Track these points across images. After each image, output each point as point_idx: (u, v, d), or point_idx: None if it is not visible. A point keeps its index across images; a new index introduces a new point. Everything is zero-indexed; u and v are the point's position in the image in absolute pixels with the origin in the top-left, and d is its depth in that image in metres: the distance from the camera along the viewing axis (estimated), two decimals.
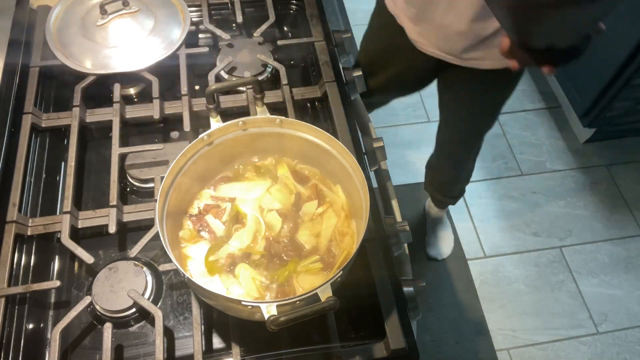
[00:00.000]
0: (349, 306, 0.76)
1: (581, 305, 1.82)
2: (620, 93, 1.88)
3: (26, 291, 0.75)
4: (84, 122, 0.94)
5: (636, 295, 1.85)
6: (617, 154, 2.19)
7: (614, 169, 2.15)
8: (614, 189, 2.10)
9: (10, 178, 0.84)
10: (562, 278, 1.88)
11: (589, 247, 1.95)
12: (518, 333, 1.75)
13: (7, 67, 0.94)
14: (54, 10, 1.04)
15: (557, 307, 1.82)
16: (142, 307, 0.74)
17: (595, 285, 1.87)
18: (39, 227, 0.82)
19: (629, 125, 2.13)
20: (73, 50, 0.99)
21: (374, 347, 0.74)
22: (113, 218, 0.81)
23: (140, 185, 0.89)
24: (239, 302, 0.60)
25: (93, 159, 0.94)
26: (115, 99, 0.94)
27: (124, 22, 1.02)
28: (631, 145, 2.21)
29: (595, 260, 1.92)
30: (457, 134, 1.40)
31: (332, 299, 0.59)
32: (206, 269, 0.72)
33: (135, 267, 0.77)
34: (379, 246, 0.81)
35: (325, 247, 0.74)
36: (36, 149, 0.92)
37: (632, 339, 1.76)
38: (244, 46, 1.06)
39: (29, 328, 0.76)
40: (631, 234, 1.99)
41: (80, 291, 0.79)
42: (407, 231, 0.84)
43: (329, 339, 0.74)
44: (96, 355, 0.73)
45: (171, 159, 0.87)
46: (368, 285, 0.79)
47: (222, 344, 0.75)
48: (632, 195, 2.08)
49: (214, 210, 0.78)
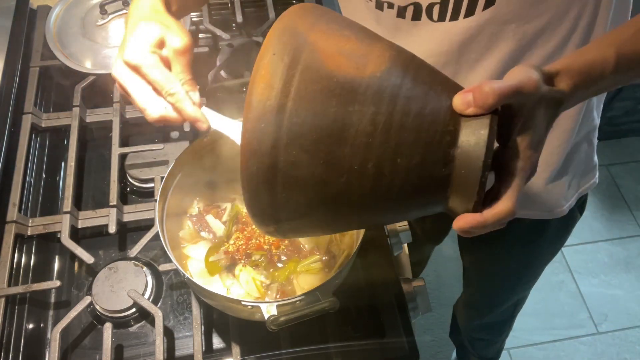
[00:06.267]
0: (349, 306, 0.76)
1: (581, 305, 1.82)
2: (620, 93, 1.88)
3: (26, 291, 0.75)
4: (84, 122, 0.94)
5: (636, 295, 1.85)
6: (617, 154, 2.18)
7: (614, 169, 2.15)
8: (614, 189, 2.10)
9: (10, 178, 0.84)
10: (562, 278, 1.87)
11: (589, 247, 1.95)
12: (518, 333, 1.75)
13: (7, 67, 0.94)
14: (54, 10, 1.04)
15: (557, 307, 1.82)
16: (142, 307, 0.74)
17: (595, 285, 1.87)
18: (39, 227, 0.82)
19: (629, 125, 2.13)
20: (73, 50, 0.99)
21: (374, 347, 0.74)
22: (113, 218, 0.81)
23: (140, 185, 0.89)
24: (239, 302, 0.60)
25: (93, 159, 0.94)
26: (115, 99, 0.94)
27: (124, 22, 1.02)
28: (631, 145, 2.21)
29: (595, 260, 1.92)
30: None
31: (332, 299, 0.59)
32: (206, 269, 0.72)
33: (135, 267, 0.77)
34: (379, 246, 0.81)
35: (325, 247, 0.74)
36: (36, 149, 0.92)
37: (632, 339, 1.76)
38: (244, 46, 1.06)
39: (29, 328, 0.76)
40: (631, 234, 1.99)
41: (80, 291, 0.79)
42: (407, 231, 0.84)
43: (329, 339, 0.74)
44: (96, 355, 0.73)
45: (171, 159, 0.87)
46: (368, 285, 0.79)
47: (222, 344, 0.75)
48: (632, 195, 2.08)
49: (214, 210, 0.78)
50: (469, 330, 1.36)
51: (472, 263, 1.11)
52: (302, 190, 0.44)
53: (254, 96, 0.43)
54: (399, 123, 0.42)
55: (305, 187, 0.44)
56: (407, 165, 0.43)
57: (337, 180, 0.44)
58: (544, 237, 0.91)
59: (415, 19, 0.62)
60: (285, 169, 0.43)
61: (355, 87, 0.43)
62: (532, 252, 0.97)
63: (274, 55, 0.43)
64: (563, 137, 0.72)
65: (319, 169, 0.43)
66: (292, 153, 0.42)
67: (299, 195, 0.45)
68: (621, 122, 2.09)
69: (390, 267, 0.80)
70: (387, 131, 0.42)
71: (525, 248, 0.95)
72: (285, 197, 0.45)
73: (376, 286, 0.79)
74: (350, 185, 0.44)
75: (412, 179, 0.44)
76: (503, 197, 0.43)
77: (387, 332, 0.74)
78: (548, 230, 0.89)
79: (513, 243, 0.93)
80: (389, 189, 0.44)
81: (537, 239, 0.92)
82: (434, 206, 0.47)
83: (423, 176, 0.44)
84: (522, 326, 1.76)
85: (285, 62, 0.43)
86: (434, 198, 0.46)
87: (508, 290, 1.11)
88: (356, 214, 0.47)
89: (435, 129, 0.43)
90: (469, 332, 1.38)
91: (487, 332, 1.35)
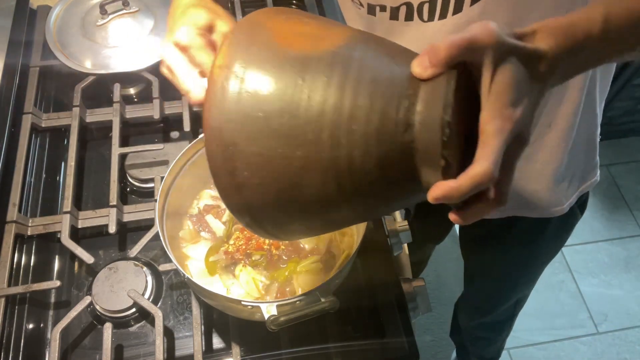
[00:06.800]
0: (349, 306, 0.76)
1: (581, 305, 1.82)
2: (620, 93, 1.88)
3: (26, 291, 0.75)
4: (84, 122, 0.94)
5: (636, 295, 1.85)
6: (617, 154, 2.18)
7: (614, 169, 2.15)
8: (614, 189, 2.10)
9: (10, 178, 0.84)
10: (562, 278, 1.87)
11: (589, 247, 1.95)
12: (518, 333, 1.75)
13: (7, 67, 0.94)
14: (54, 10, 1.04)
15: (557, 307, 1.81)
16: (142, 307, 0.74)
17: (595, 285, 1.87)
18: (39, 227, 0.82)
19: (629, 125, 2.13)
20: (73, 50, 0.99)
21: (374, 347, 0.74)
22: (113, 218, 0.81)
23: (140, 185, 0.89)
24: (239, 302, 0.60)
25: (93, 159, 0.94)
26: (115, 99, 0.94)
27: (124, 22, 1.02)
28: (631, 145, 2.21)
29: (595, 260, 1.92)
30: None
31: (332, 299, 0.59)
32: (206, 269, 0.72)
33: (135, 267, 0.77)
34: (379, 246, 0.81)
35: (325, 247, 0.74)
36: (36, 149, 0.92)
37: (632, 339, 1.76)
38: None
39: (29, 328, 0.76)
40: (631, 234, 1.99)
41: (80, 291, 0.79)
42: (407, 231, 0.84)
43: (329, 339, 0.74)
44: (96, 355, 0.73)
45: (171, 159, 0.87)
46: (368, 285, 0.79)
47: (222, 344, 0.75)
48: (632, 195, 2.08)
49: (214, 210, 0.78)
50: (470, 329, 1.36)
51: (473, 262, 1.11)
52: (262, 168, 0.43)
53: (211, 76, 0.44)
54: (352, 89, 0.41)
55: (265, 164, 0.43)
56: (364, 132, 0.41)
57: (294, 153, 0.42)
58: (544, 236, 0.91)
59: (408, 19, 0.62)
60: (242, 144, 0.43)
61: (308, 59, 0.43)
62: (533, 251, 0.97)
63: (232, 36, 0.45)
64: (562, 135, 0.72)
65: (274, 142, 0.42)
66: (248, 127, 0.43)
67: (261, 172, 0.44)
68: (621, 122, 2.09)
69: (390, 267, 0.80)
70: (340, 98, 0.41)
71: (525, 247, 0.95)
72: (247, 176, 0.44)
73: (376, 286, 0.79)
74: (308, 159, 0.42)
75: (371, 148, 0.41)
76: (479, 159, 0.39)
77: (387, 332, 0.74)
78: (549, 229, 0.89)
79: (514, 242, 0.94)
80: (350, 162, 0.42)
81: (537, 239, 0.92)
82: (408, 183, 0.44)
83: (383, 143, 0.41)
84: (522, 326, 1.76)
85: (241, 43, 0.44)
86: (402, 170, 0.43)
87: (509, 290, 1.11)
88: (325, 196, 0.44)
89: (392, 94, 0.41)
90: (469, 331, 1.38)
91: (488, 331, 1.35)
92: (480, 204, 0.42)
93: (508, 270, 1.04)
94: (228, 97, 0.43)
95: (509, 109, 0.39)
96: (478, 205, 0.42)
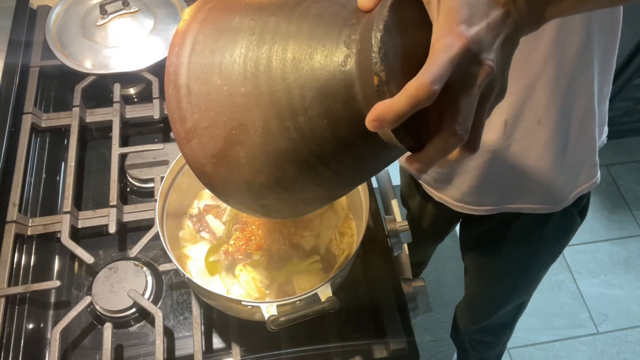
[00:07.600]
0: (349, 306, 0.76)
1: (581, 305, 1.82)
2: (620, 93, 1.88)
3: (26, 291, 0.75)
4: (84, 122, 0.94)
5: (636, 295, 1.85)
6: (617, 154, 2.18)
7: (614, 169, 2.15)
8: (614, 189, 2.10)
9: (10, 178, 0.84)
10: (562, 278, 1.87)
11: (589, 247, 1.95)
12: (518, 333, 1.75)
13: (7, 67, 0.94)
14: (54, 10, 1.04)
15: (557, 307, 1.81)
16: (142, 307, 0.74)
17: (595, 285, 1.87)
18: (39, 227, 0.82)
19: (629, 125, 2.13)
20: (73, 50, 0.99)
21: (374, 347, 0.74)
22: (113, 218, 0.81)
23: (140, 185, 0.89)
24: (239, 302, 0.60)
25: (93, 159, 0.94)
26: (115, 99, 0.94)
27: (124, 22, 1.02)
28: (631, 145, 2.21)
29: (595, 260, 1.92)
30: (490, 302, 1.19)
31: (332, 299, 0.59)
32: (206, 269, 0.72)
33: (135, 267, 0.77)
34: (379, 246, 0.81)
35: (325, 247, 0.74)
36: (36, 149, 0.92)
37: (632, 339, 1.76)
38: None
39: (29, 328, 0.76)
40: (631, 234, 1.99)
41: (80, 291, 0.79)
42: (407, 231, 0.84)
43: (329, 339, 0.74)
44: (96, 355, 0.73)
45: (171, 159, 0.87)
46: (368, 285, 0.79)
47: (222, 344, 0.75)
48: (632, 195, 2.08)
49: (214, 210, 0.78)
50: (470, 332, 1.36)
51: (473, 264, 1.11)
52: (209, 108, 0.44)
53: (175, 31, 0.48)
54: (297, 24, 0.42)
55: (211, 103, 0.44)
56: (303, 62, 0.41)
57: (237, 89, 0.43)
58: (543, 237, 0.91)
59: None
60: (193, 84, 0.45)
61: (259, 5, 0.45)
62: (531, 253, 0.97)
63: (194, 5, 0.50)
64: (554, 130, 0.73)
65: (221, 80, 0.44)
66: (197, 67, 0.45)
67: (208, 113, 0.44)
68: (621, 122, 2.09)
69: (390, 267, 0.80)
70: (285, 33, 0.42)
71: (524, 248, 0.95)
72: (198, 119, 0.45)
73: (376, 286, 0.79)
74: (250, 95, 0.42)
75: (311, 80, 0.40)
76: (419, 74, 0.35)
77: (387, 332, 0.74)
78: (547, 229, 0.89)
79: (512, 242, 0.94)
80: (289, 95, 0.41)
81: (536, 239, 0.92)
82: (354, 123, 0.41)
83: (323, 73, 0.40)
84: (522, 326, 1.76)
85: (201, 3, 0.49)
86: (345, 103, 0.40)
87: (509, 294, 1.11)
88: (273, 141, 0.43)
89: (335, 25, 0.41)
90: (470, 335, 1.38)
91: (488, 335, 1.35)
92: (437, 140, 0.38)
93: (507, 273, 1.04)
94: (185, 43, 0.46)
95: (460, 26, 0.36)
96: (435, 141, 0.38)
